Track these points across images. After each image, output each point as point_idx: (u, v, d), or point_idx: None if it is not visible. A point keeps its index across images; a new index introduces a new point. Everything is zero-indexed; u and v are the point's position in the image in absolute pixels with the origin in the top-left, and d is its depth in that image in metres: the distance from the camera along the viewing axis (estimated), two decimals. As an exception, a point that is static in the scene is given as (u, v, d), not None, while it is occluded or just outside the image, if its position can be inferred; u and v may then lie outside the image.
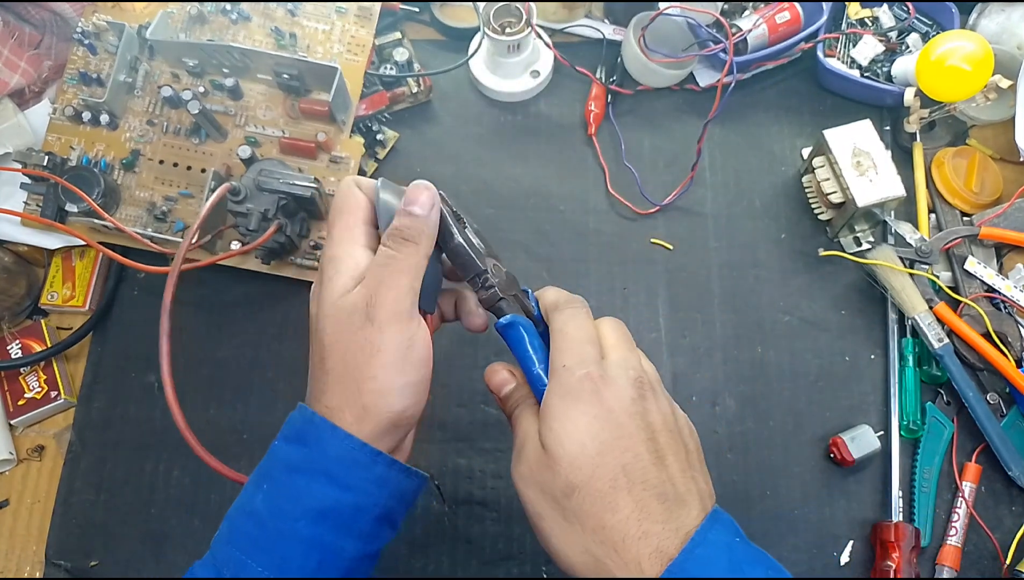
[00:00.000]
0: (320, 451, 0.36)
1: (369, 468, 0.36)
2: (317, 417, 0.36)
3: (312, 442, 0.36)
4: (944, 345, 0.56)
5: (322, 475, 0.35)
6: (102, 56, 0.61)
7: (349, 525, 0.36)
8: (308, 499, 0.35)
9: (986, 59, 0.57)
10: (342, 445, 0.36)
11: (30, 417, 0.57)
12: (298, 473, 0.36)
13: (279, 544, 0.35)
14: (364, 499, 0.36)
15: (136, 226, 0.58)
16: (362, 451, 0.36)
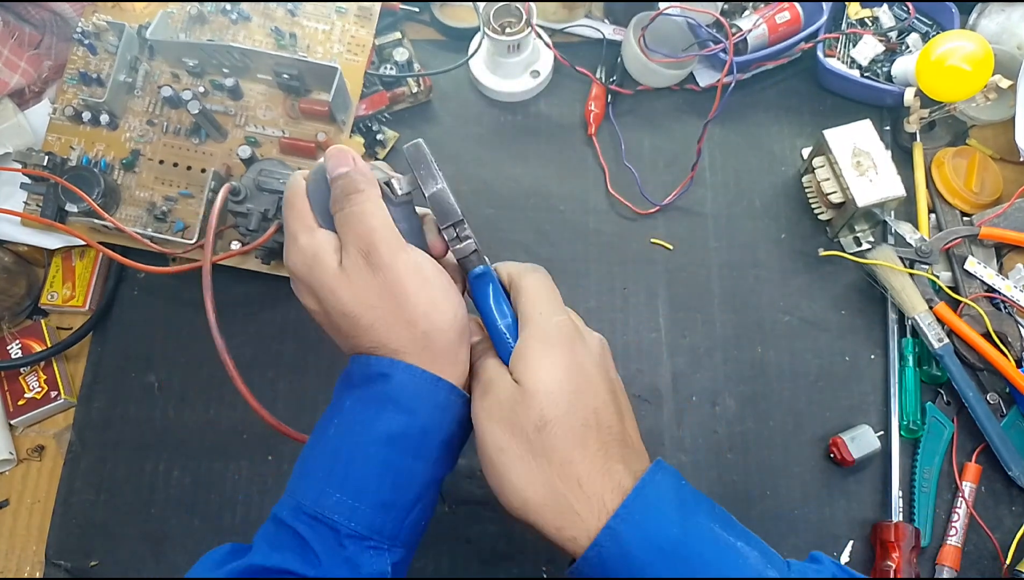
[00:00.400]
0: (386, 383, 0.37)
1: (432, 393, 0.38)
2: (373, 358, 0.38)
3: (378, 379, 0.38)
4: (944, 345, 0.56)
5: (390, 403, 0.37)
6: (102, 56, 0.61)
7: (418, 448, 0.37)
8: (379, 425, 0.37)
9: (986, 59, 0.57)
10: (404, 375, 0.37)
11: (30, 417, 0.57)
12: (367, 404, 0.37)
13: (354, 469, 0.36)
14: (430, 423, 0.38)
15: (136, 226, 0.58)
16: (423, 378, 0.37)
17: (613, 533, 0.34)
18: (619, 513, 0.34)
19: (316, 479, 0.37)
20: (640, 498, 0.35)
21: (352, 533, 0.35)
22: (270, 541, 0.37)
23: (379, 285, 0.38)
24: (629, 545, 0.34)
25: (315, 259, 0.39)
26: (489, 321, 0.40)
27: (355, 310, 0.39)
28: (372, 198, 0.39)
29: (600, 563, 0.34)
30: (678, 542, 0.34)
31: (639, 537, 0.34)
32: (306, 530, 0.36)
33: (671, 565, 0.33)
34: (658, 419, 0.57)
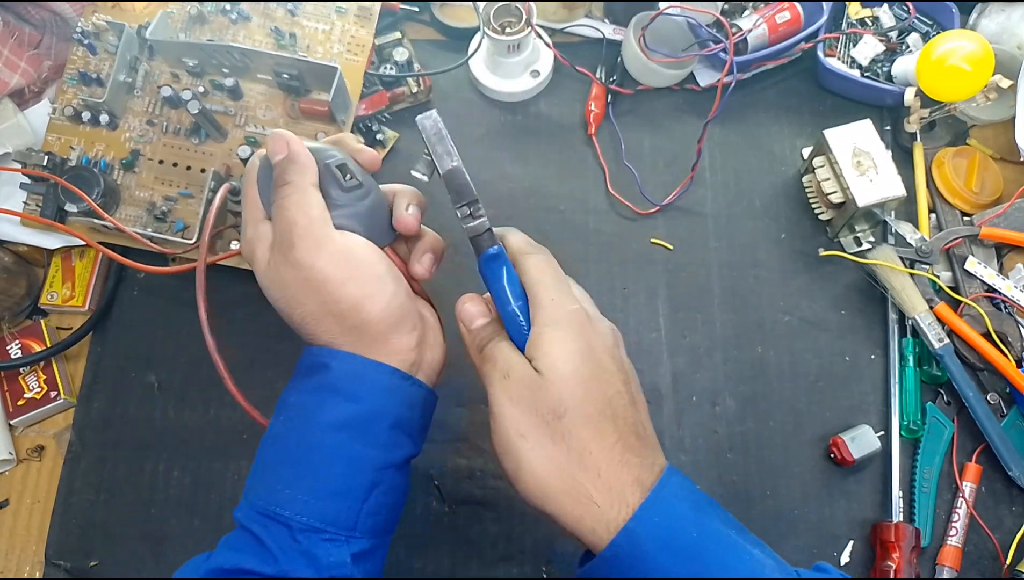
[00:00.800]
0: (327, 373, 0.38)
1: (373, 379, 0.38)
2: (315, 348, 0.39)
3: (319, 369, 0.38)
4: (944, 345, 0.56)
5: (332, 393, 0.37)
6: (102, 56, 0.61)
7: (365, 433, 0.37)
8: (324, 414, 0.37)
9: (986, 59, 0.57)
10: (344, 363, 0.38)
11: (30, 417, 0.57)
12: (310, 395, 0.38)
13: (304, 458, 0.37)
14: (375, 408, 0.38)
15: (136, 226, 0.58)
16: (364, 364, 0.38)
17: (631, 534, 0.34)
18: (637, 515, 0.34)
19: (266, 477, 0.37)
20: (658, 500, 0.34)
21: (304, 527, 0.35)
22: (230, 543, 0.37)
23: (301, 281, 0.38)
24: (647, 547, 0.33)
25: (251, 255, 0.40)
26: (501, 303, 0.40)
27: (283, 307, 0.40)
28: (299, 189, 0.39)
29: (617, 563, 0.34)
30: (696, 545, 0.34)
31: (657, 539, 0.34)
32: (260, 530, 0.36)
33: (689, 568, 0.33)
34: (658, 419, 0.57)
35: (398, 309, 0.39)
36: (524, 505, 0.37)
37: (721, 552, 0.34)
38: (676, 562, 0.33)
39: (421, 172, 0.41)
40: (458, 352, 0.59)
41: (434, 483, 0.55)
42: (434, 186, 0.43)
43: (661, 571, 0.33)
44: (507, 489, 0.55)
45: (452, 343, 0.59)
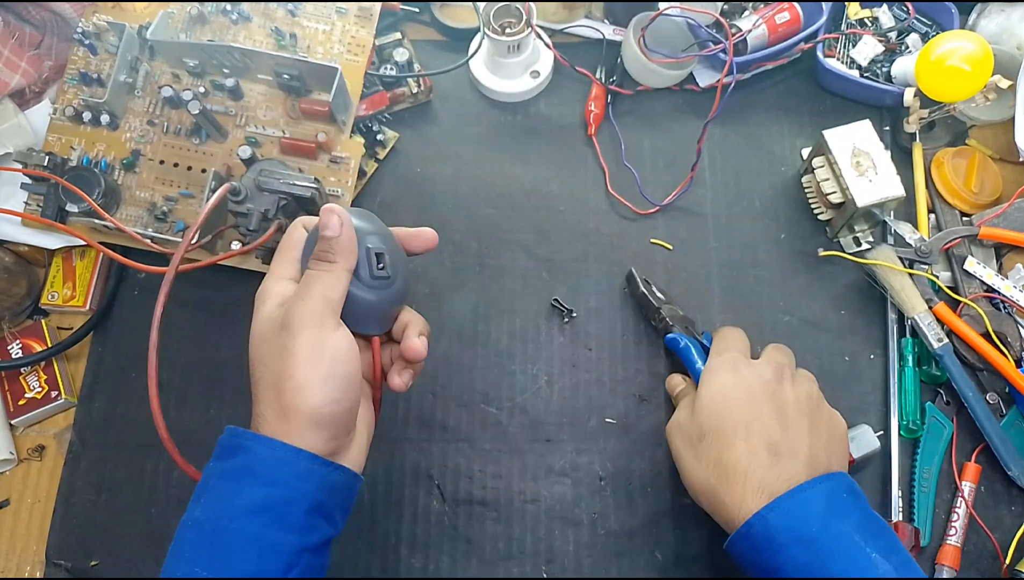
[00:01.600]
0: (247, 456, 0.39)
1: (292, 464, 0.38)
2: (239, 430, 0.40)
3: (239, 451, 0.39)
4: (944, 345, 0.56)
5: (250, 476, 0.38)
6: (102, 56, 0.61)
7: (282, 518, 0.38)
8: (240, 499, 0.38)
9: (986, 59, 0.57)
10: (265, 447, 0.39)
11: (30, 417, 0.57)
12: (230, 479, 0.39)
13: (219, 544, 0.37)
14: (291, 493, 0.38)
15: (137, 226, 0.58)
16: (283, 449, 0.38)
17: (762, 519, 0.42)
18: (771, 504, 0.42)
19: (183, 558, 0.38)
20: (792, 497, 0.42)
21: None
22: None
23: (278, 348, 0.40)
24: (774, 530, 0.41)
25: (260, 299, 0.42)
26: (689, 363, 0.54)
27: (253, 358, 0.41)
28: (333, 272, 0.41)
29: (748, 538, 0.42)
30: (816, 536, 0.40)
31: (783, 525, 0.41)
32: None
33: (805, 553, 0.40)
34: (658, 419, 0.57)
35: (330, 414, 0.40)
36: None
37: (837, 547, 0.40)
38: (795, 547, 0.40)
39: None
40: (457, 354, 0.59)
41: (434, 483, 0.55)
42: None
43: (781, 551, 0.41)
44: (507, 489, 0.55)
45: (452, 344, 0.59)
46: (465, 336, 0.60)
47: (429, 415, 0.57)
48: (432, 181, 0.65)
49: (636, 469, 0.56)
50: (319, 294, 0.40)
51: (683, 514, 0.54)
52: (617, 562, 0.53)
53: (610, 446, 0.56)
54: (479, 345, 0.59)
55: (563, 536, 0.54)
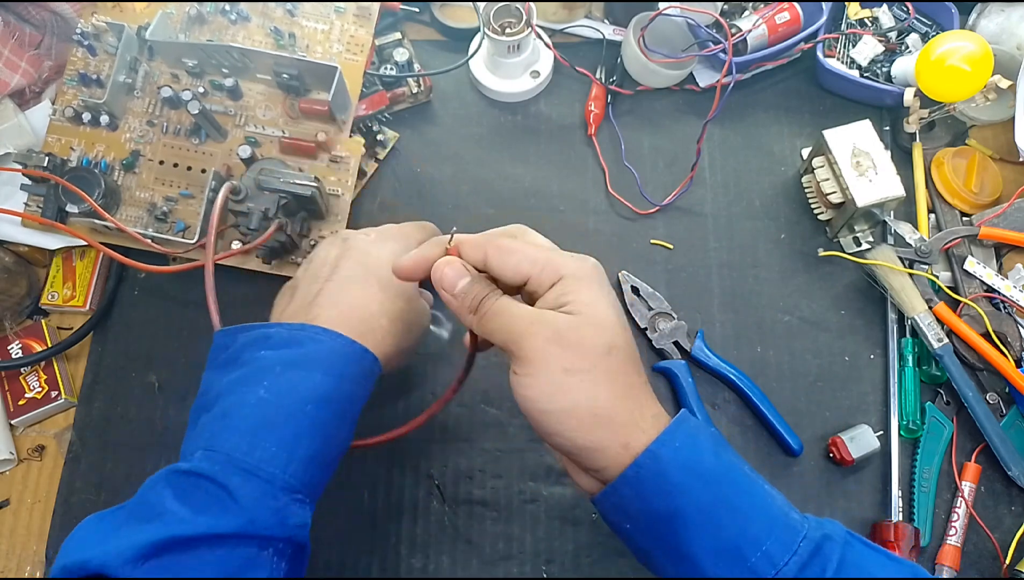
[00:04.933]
0: (316, 346, 0.40)
1: (359, 362, 0.41)
2: (307, 325, 0.42)
3: (307, 342, 0.41)
4: (944, 345, 0.56)
5: (320, 367, 0.40)
6: (102, 57, 0.61)
7: (343, 411, 0.41)
8: (311, 387, 0.39)
9: (986, 59, 0.57)
10: (335, 342, 0.41)
11: (30, 417, 0.57)
12: (299, 367, 0.40)
13: (290, 424, 0.38)
14: (355, 389, 0.41)
15: (137, 226, 0.58)
16: (352, 347, 0.41)
17: (654, 455, 0.35)
18: (661, 438, 0.36)
19: (248, 433, 0.38)
20: (681, 427, 0.37)
21: (286, 485, 0.37)
22: (185, 498, 0.37)
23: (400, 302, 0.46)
24: (670, 467, 0.35)
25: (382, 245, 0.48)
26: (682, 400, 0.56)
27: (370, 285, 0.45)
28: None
29: (638, 483, 0.35)
30: (715, 470, 0.36)
31: (680, 461, 0.35)
32: (238, 481, 0.36)
33: (707, 489, 0.35)
34: (658, 419, 0.57)
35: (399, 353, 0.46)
36: (546, 440, 0.38)
37: (736, 479, 0.36)
38: (694, 483, 0.35)
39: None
40: (459, 355, 0.59)
41: (434, 483, 0.55)
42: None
43: (679, 490, 0.35)
44: (507, 489, 0.55)
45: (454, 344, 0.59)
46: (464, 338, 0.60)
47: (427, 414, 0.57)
48: (432, 181, 0.65)
49: (636, 469, 0.56)
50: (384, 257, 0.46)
51: (683, 514, 0.54)
52: (617, 562, 0.53)
53: (610, 446, 0.56)
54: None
55: (563, 536, 0.54)
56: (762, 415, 0.56)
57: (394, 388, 0.58)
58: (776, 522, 0.35)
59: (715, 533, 0.35)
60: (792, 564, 0.34)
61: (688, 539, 0.35)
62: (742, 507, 0.35)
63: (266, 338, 0.41)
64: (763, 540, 0.34)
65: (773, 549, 0.34)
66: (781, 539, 0.34)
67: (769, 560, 0.34)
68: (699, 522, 0.35)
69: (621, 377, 0.37)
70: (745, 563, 0.34)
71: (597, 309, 0.37)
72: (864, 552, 0.36)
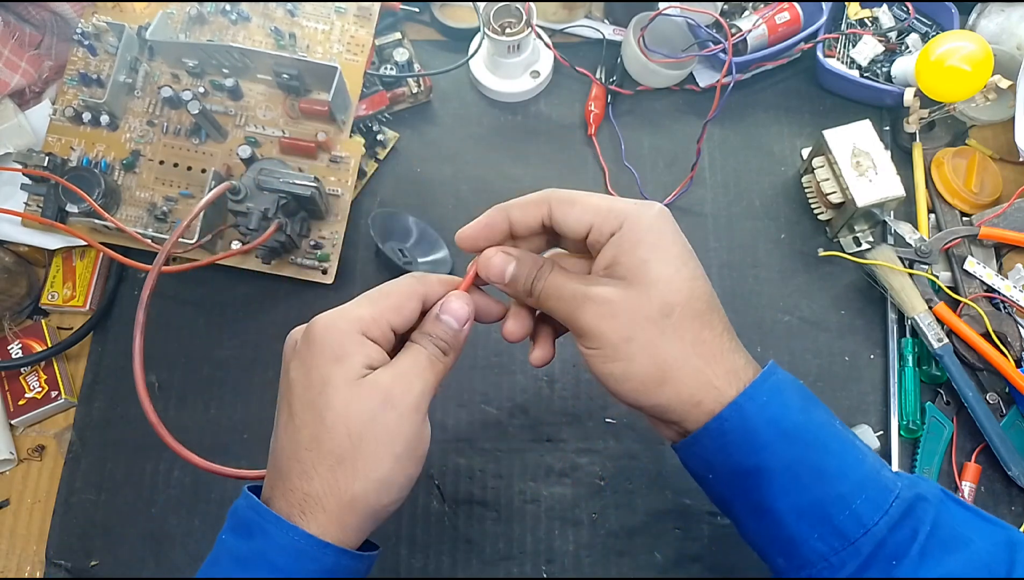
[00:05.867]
0: (265, 540, 0.34)
1: (318, 559, 0.34)
2: (258, 504, 0.35)
3: (258, 533, 0.35)
4: (944, 345, 0.56)
5: (268, 567, 0.34)
6: (102, 57, 0.61)
7: None
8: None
9: (986, 59, 0.57)
10: (287, 536, 0.34)
11: (30, 417, 0.57)
12: (245, 564, 0.34)
13: None
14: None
15: (137, 226, 0.58)
16: (308, 542, 0.34)
17: (739, 409, 0.34)
18: (747, 391, 0.34)
19: None
20: (767, 381, 0.35)
21: None
22: None
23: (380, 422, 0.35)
24: (755, 423, 0.34)
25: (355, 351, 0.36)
26: None
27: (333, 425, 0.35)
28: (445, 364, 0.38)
29: (721, 435, 0.34)
30: (801, 427, 0.34)
31: (765, 417, 0.34)
32: None
33: (793, 447, 0.34)
34: (658, 419, 0.57)
35: (389, 513, 0.36)
36: (630, 405, 0.37)
37: (825, 437, 0.35)
38: (780, 441, 0.34)
39: None
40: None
41: (434, 483, 0.55)
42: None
43: (765, 447, 0.34)
44: (507, 489, 0.55)
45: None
46: (465, 336, 0.60)
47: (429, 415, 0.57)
48: (432, 181, 0.65)
49: (636, 469, 0.56)
50: (433, 383, 0.36)
51: (683, 514, 0.54)
52: (617, 562, 0.53)
53: (610, 446, 0.56)
54: (479, 345, 0.59)
55: (563, 536, 0.54)
56: None
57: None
58: (867, 481, 0.34)
59: (800, 491, 0.34)
60: (882, 524, 0.33)
61: (772, 495, 0.34)
62: (829, 466, 0.34)
63: (233, 512, 0.36)
64: (851, 499, 0.33)
65: (862, 509, 0.33)
66: (872, 498, 0.33)
67: (858, 520, 0.33)
68: (784, 479, 0.34)
69: (686, 334, 0.35)
70: (830, 522, 0.33)
71: (650, 268, 0.35)
72: (957, 513, 0.35)
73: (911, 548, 0.32)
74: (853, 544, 0.33)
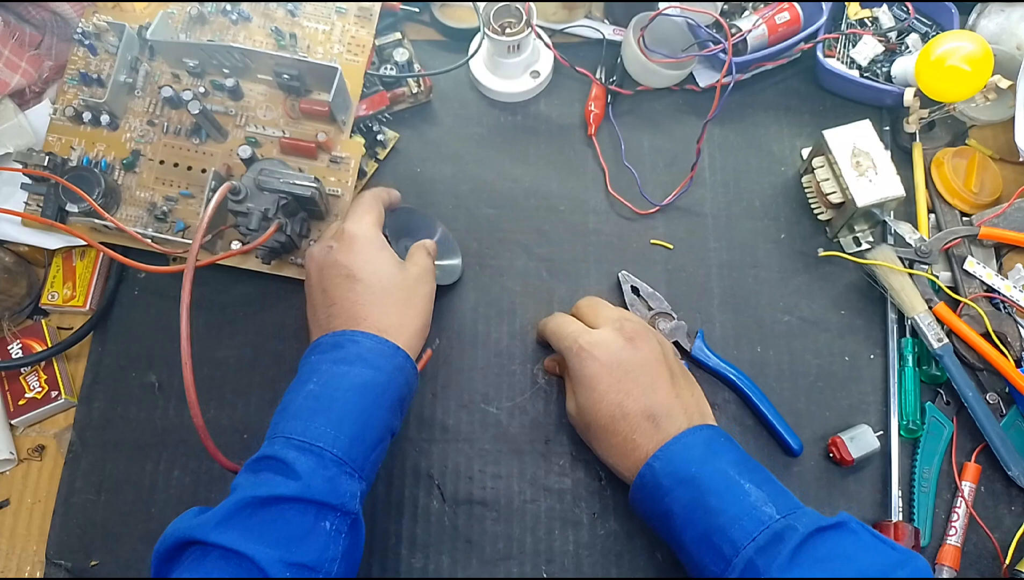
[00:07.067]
0: (356, 347, 0.47)
1: (391, 357, 0.48)
2: (348, 331, 0.48)
3: (348, 344, 0.48)
4: (943, 345, 0.56)
5: (360, 361, 0.47)
6: (102, 56, 0.61)
7: (381, 398, 0.47)
8: (352, 378, 0.46)
9: (985, 59, 0.57)
10: (371, 341, 0.48)
11: (31, 417, 0.57)
12: (342, 363, 0.47)
13: (334, 408, 0.45)
14: (390, 379, 0.47)
15: (137, 226, 0.58)
16: (385, 344, 0.48)
17: (650, 467, 0.47)
18: (657, 453, 0.47)
19: (301, 418, 0.45)
20: (675, 443, 0.47)
21: (334, 457, 0.43)
22: (254, 475, 0.43)
23: (412, 292, 0.52)
24: (660, 475, 0.46)
25: (370, 241, 0.52)
26: None
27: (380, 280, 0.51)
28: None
29: (642, 490, 0.47)
30: (696, 475, 0.45)
31: (667, 470, 0.46)
32: (295, 455, 0.43)
33: (688, 492, 0.45)
34: (658, 419, 0.57)
35: (424, 334, 0.53)
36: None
37: (713, 482, 0.44)
38: (677, 487, 0.45)
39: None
40: (458, 353, 0.59)
41: (434, 483, 0.55)
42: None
43: (668, 493, 0.45)
44: (507, 489, 0.55)
45: (451, 344, 0.59)
46: (465, 336, 0.60)
47: (429, 415, 0.57)
48: (432, 181, 0.65)
49: (636, 469, 0.56)
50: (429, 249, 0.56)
51: (683, 514, 0.54)
52: (617, 562, 0.53)
53: (610, 446, 0.56)
54: (479, 345, 0.59)
55: (563, 536, 0.54)
56: (762, 415, 0.56)
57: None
58: (743, 515, 0.43)
59: (694, 526, 0.44)
60: (749, 548, 0.41)
61: (679, 531, 0.45)
62: (713, 504, 0.43)
63: (316, 346, 0.49)
64: (728, 529, 0.43)
65: (736, 536, 0.42)
66: (745, 528, 0.42)
67: (732, 545, 0.42)
68: (683, 518, 0.45)
69: (603, 443, 0.50)
70: (717, 549, 0.43)
71: (573, 399, 0.52)
72: (830, 540, 0.42)
73: (773, 564, 0.40)
74: (730, 563, 0.42)
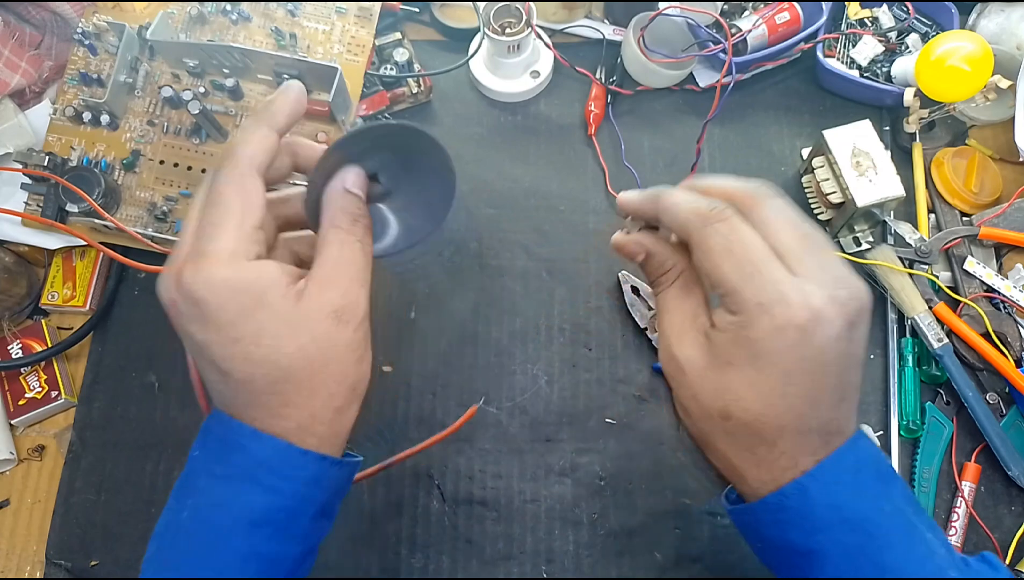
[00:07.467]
0: (244, 457, 0.32)
1: (299, 468, 0.33)
2: (232, 422, 0.33)
3: (235, 450, 0.32)
4: (944, 345, 0.56)
5: (250, 483, 0.32)
6: (102, 56, 0.61)
7: (287, 529, 0.33)
8: (237, 508, 0.32)
9: (986, 59, 0.57)
10: (266, 449, 0.32)
11: (30, 417, 0.57)
12: (225, 482, 0.32)
13: (213, 557, 0.32)
14: (298, 502, 0.33)
15: (137, 226, 0.58)
16: (290, 451, 0.32)
17: (801, 489, 0.32)
18: (813, 471, 0.32)
19: (173, 567, 0.33)
20: (838, 463, 0.33)
21: None
22: None
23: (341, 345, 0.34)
24: (815, 506, 0.32)
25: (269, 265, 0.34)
26: None
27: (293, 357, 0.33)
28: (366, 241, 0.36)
29: (778, 512, 0.33)
30: (867, 518, 0.32)
31: (826, 502, 0.32)
32: None
33: (850, 535, 0.32)
34: (658, 419, 0.57)
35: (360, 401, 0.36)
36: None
37: (892, 530, 0.32)
38: (839, 527, 0.32)
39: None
40: (457, 352, 0.59)
41: (434, 483, 0.55)
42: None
43: (821, 531, 0.32)
44: (507, 489, 0.55)
45: (451, 343, 0.59)
46: (465, 336, 0.60)
47: (429, 415, 0.57)
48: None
49: (636, 469, 0.56)
50: (368, 277, 0.35)
51: (683, 514, 0.54)
52: (617, 562, 0.53)
53: (610, 446, 0.56)
54: (479, 345, 0.59)
55: (563, 536, 0.54)
56: None
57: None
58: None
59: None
60: None
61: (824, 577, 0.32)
62: (889, 562, 0.31)
63: (202, 432, 0.34)
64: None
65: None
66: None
67: None
68: (839, 566, 0.32)
69: (745, 442, 0.34)
70: None
71: (740, 401, 0.33)
72: None
73: None
74: None
